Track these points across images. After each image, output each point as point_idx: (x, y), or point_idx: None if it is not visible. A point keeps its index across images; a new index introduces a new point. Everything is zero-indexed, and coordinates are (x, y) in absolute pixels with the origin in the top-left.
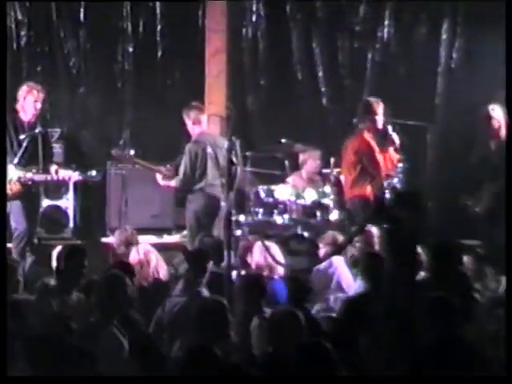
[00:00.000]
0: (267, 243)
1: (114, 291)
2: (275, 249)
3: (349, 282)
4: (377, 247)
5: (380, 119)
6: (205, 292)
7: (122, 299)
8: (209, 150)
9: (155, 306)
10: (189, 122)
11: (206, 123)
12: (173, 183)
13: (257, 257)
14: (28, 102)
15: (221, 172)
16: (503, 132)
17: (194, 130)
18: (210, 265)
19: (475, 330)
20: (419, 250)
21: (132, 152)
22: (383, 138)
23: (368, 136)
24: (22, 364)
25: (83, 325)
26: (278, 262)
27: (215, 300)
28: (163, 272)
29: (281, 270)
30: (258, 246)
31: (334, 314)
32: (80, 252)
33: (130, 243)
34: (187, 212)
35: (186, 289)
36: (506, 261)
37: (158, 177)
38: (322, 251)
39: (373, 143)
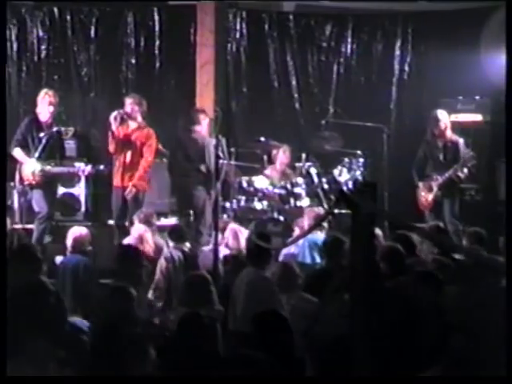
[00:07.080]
0: (237, 226)
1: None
2: (243, 232)
3: None
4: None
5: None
6: None
7: None
8: None
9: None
10: None
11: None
12: None
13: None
14: (44, 105)
15: None
16: (448, 132)
17: None
18: None
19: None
20: (377, 231)
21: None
22: None
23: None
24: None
25: None
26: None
27: (199, 274)
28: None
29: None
30: (229, 229)
31: None
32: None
33: (148, 222)
34: None
35: None
36: (506, 261)
37: None
38: (296, 233)
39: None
